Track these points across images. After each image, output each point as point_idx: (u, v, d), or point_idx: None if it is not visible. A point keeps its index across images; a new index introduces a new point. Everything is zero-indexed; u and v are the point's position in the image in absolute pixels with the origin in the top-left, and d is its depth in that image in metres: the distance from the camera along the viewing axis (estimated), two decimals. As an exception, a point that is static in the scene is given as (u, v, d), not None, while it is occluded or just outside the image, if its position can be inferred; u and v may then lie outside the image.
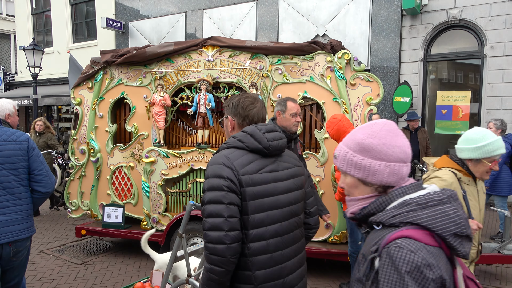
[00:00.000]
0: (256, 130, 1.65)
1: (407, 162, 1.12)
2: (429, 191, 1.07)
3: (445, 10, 8.05)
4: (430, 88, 8.72)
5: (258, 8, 10.12)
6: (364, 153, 1.11)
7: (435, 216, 1.01)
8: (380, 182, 1.10)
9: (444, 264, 0.99)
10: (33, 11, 15.33)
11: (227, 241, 1.49)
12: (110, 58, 4.73)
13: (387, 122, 1.15)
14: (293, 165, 1.77)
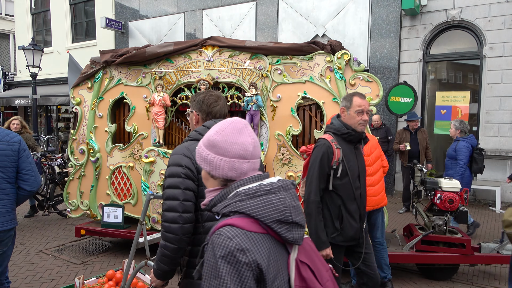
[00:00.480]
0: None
1: (248, 159, 1.18)
2: (262, 183, 1.15)
3: (445, 11, 8.07)
4: (429, 88, 8.73)
5: (257, 8, 10.12)
6: (210, 149, 1.19)
7: (259, 205, 1.08)
8: (222, 176, 1.18)
9: (264, 249, 1.06)
10: (33, 11, 15.32)
11: (181, 221, 1.71)
12: (110, 58, 4.73)
13: (235, 120, 1.22)
14: None
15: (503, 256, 3.93)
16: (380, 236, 3.72)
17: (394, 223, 6.25)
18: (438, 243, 4.06)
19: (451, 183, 4.09)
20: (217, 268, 1.02)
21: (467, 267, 4.38)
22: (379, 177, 3.65)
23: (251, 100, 4.15)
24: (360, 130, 2.59)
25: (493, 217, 6.81)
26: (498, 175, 7.69)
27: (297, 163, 4.22)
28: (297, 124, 4.22)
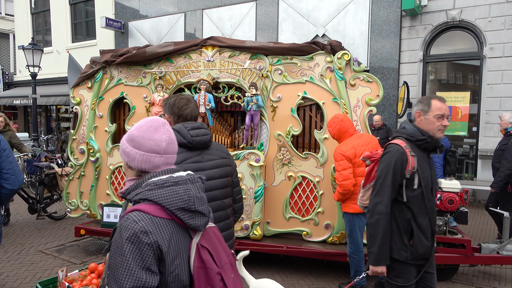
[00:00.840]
0: (182, 128, 2.00)
1: (161, 154, 1.33)
2: (172, 175, 1.30)
3: (445, 11, 8.07)
4: (430, 88, 8.73)
5: (257, 8, 10.12)
6: (129, 142, 1.34)
7: (166, 194, 1.24)
8: (137, 167, 1.33)
9: (167, 232, 1.22)
10: (32, 11, 15.31)
11: None
12: (110, 58, 4.72)
13: (153, 119, 1.37)
14: (218, 157, 2.10)
15: (503, 257, 3.93)
16: None
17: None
18: (438, 244, 4.06)
19: (451, 184, 4.08)
20: (122, 247, 1.16)
21: (467, 267, 4.38)
22: None
23: (251, 100, 4.15)
24: (439, 137, 2.33)
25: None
26: (498, 176, 7.69)
27: (297, 163, 4.22)
28: (297, 124, 4.21)
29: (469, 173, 8.29)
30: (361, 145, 3.57)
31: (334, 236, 4.15)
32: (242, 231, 4.27)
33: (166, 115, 2.12)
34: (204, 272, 1.28)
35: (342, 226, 4.07)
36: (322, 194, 4.16)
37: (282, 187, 4.28)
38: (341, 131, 3.64)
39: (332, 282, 4.11)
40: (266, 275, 4.28)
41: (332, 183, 4.08)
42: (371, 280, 4.03)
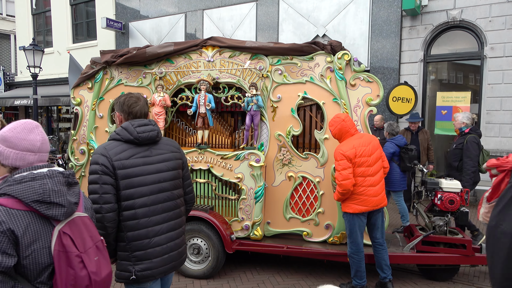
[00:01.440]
0: (129, 125, 2.13)
1: (35, 152, 1.55)
2: (32, 172, 1.49)
3: (445, 11, 8.06)
4: (430, 88, 8.72)
5: (258, 8, 10.12)
6: (2, 142, 1.52)
7: (21, 189, 1.44)
8: (11, 164, 1.52)
9: (22, 221, 1.42)
10: (33, 11, 15.33)
11: (102, 212, 1.98)
12: (110, 59, 4.73)
13: (27, 122, 1.58)
14: (167, 151, 2.24)
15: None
16: (380, 236, 3.72)
17: (394, 223, 6.24)
18: (439, 244, 4.06)
19: (452, 184, 4.08)
20: None
21: (468, 267, 4.38)
22: (380, 178, 3.65)
23: (251, 100, 4.15)
24: None
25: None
26: (499, 176, 7.67)
27: (297, 164, 4.22)
28: (297, 125, 4.21)
29: (470, 173, 8.27)
30: (362, 145, 3.57)
31: (335, 236, 4.15)
32: (242, 231, 4.27)
33: (117, 113, 2.26)
34: (65, 255, 1.48)
35: (342, 226, 4.07)
36: (323, 194, 4.16)
37: (282, 187, 4.28)
38: (342, 131, 3.64)
39: (333, 283, 4.10)
40: (266, 275, 4.28)
41: (333, 183, 4.08)
42: (371, 281, 4.03)
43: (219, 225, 4.07)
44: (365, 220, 3.66)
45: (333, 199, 4.08)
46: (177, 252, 2.22)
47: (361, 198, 3.53)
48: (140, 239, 2.08)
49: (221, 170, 4.34)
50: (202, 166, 4.41)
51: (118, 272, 2.12)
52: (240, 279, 4.17)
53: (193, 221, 4.14)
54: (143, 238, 2.08)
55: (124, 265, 2.09)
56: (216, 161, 4.36)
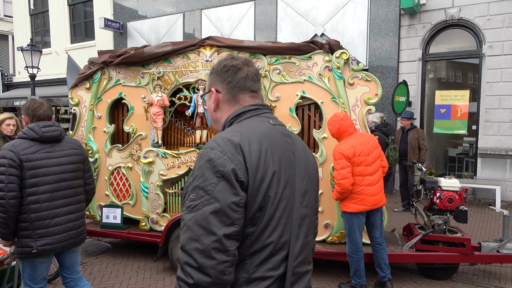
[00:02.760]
0: (35, 126, 2.61)
1: None
2: None
3: (443, 10, 8.06)
4: (429, 87, 8.72)
5: (256, 8, 10.11)
6: None
7: None
8: None
9: None
10: (31, 12, 15.29)
11: (6, 198, 2.43)
12: (108, 59, 4.71)
13: None
14: (69, 148, 2.75)
15: (503, 255, 3.92)
16: (379, 235, 3.72)
17: (394, 222, 6.24)
18: (438, 243, 4.06)
19: (451, 182, 4.08)
20: None
21: (467, 266, 4.37)
22: (378, 177, 3.64)
23: (249, 100, 4.13)
24: None
25: (493, 216, 6.80)
26: (498, 174, 7.69)
27: (296, 163, 4.21)
28: (296, 124, 4.20)
29: (468, 172, 8.28)
30: (361, 144, 3.57)
31: (334, 235, 4.14)
32: (241, 231, 4.25)
33: (23, 116, 2.71)
34: None
35: (341, 225, 4.06)
36: (321, 193, 4.15)
37: (281, 187, 4.26)
38: (341, 129, 3.64)
39: (332, 282, 4.10)
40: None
41: (331, 182, 4.07)
42: (370, 280, 4.02)
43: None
44: (364, 219, 3.65)
45: (332, 199, 4.07)
46: (75, 231, 2.74)
47: (360, 197, 3.53)
48: (42, 220, 2.57)
49: (219, 170, 4.33)
50: (201, 166, 4.39)
51: (20, 249, 2.55)
52: (239, 279, 4.16)
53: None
54: (45, 219, 2.58)
55: (25, 242, 2.54)
56: (215, 161, 4.34)
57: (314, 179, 1.32)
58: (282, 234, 1.13)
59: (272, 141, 1.19)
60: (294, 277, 1.16)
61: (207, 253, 1.01)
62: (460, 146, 8.84)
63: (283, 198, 1.14)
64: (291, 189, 1.18)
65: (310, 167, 1.30)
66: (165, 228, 4.27)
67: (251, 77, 1.32)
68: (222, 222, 1.03)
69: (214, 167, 1.07)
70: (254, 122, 1.25)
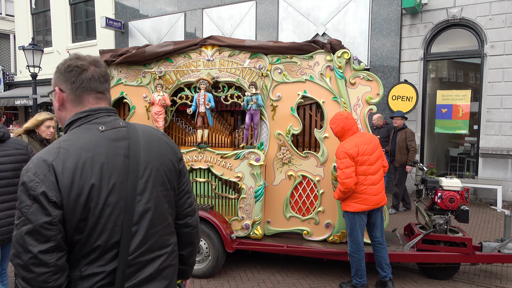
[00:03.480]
0: None
1: None
2: None
3: (445, 9, 8.04)
4: (430, 87, 8.71)
5: (257, 7, 10.10)
6: None
7: None
8: None
9: None
10: (33, 11, 15.31)
11: None
12: (109, 58, 4.72)
13: None
14: (12, 148, 2.92)
15: (505, 255, 3.92)
16: (380, 235, 3.71)
17: (394, 222, 6.23)
18: (439, 242, 4.05)
19: (452, 182, 4.07)
20: None
21: (468, 266, 4.37)
22: (380, 177, 3.64)
23: (251, 99, 4.14)
24: None
25: (494, 216, 6.80)
26: (499, 174, 7.68)
27: (297, 162, 4.21)
28: (297, 123, 4.21)
29: (470, 172, 8.27)
30: (364, 143, 3.57)
31: (335, 235, 4.15)
32: (242, 230, 4.26)
33: None
34: None
35: (342, 225, 4.07)
36: (323, 193, 4.16)
37: (282, 186, 4.27)
38: (344, 128, 3.64)
39: (333, 281, 4.10)
40: (266, 274, 4.27)
41: (333, 182, 4.07)
42: (371, 279, 4.02)
43: (219, 225, 4.06)
44: (366, 219, 3.65)
45: (333, 198, 4.08)
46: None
47: (362, 196, 3.53)
48: None
49: (221, 169, 4.34)
50: (202, 165, 4.40)
51: None
52: (240, 278, 4.17)
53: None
54: None
55: None
56: (216, 160, 4.35)
57: (160, 173, 1.38)
58: (110, 236, 1.23)
59: (93, 152, 1.24)
60: (135, 267, 1.28)
61: (26, 268, 1.15)
62: (462, 146, 8.83)
63: (106, 206, 1.22)
64: (119, 195, 1.25)
65: (154, 162, 1.36)
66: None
67: (97, 78, 1.36)
68: (37, 240, 1.15)
69: (27, 190, 1.16)
70: (80, 132, 1.29)
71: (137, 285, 1.30)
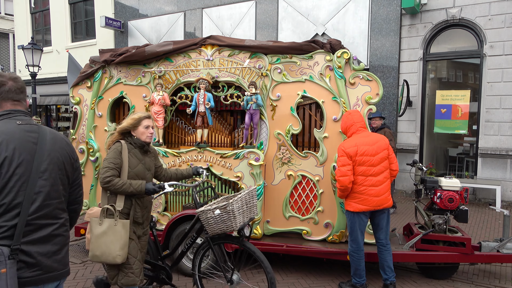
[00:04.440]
0: None
1: None
2: None
3: (445, 9, 8.05)
4: (430, 87, 8.72)
5: (257, 7, 10.10)
6: None
7: None
8: None
9: None
10: (32, 10, 15.30)
11: None
12: (109, 57, 4.72)
13: None
14: None
15: (503, 255, 3.93)
16: (384, 237, 3.69)
17: (393, 222, 6.24)
18: (438, 242, 4.06)
19: (451, 182, 4.08)
20: None
21: (467, 266, 4.38)
22: (383, 179, 3.57)
23: (250, 99, 4.14)
24: None
25: (493, 216, 6.81)
26: (498, 174, 7.69)
27: (296, 162, 4.22)
28: (297, 123, 4.21)
29: (469, 172, 8.28)
30: (366, 144, 3.54)
31: (334, 235, 4.15)
32: (242, 230, 4.26)
33: None
34: None
35: (342, 225, 4.07)
36: (322, 193, 4.16)
37: (282, 186, 4.28)
38: (347, 124, 3.66)
39: (332, 281, 4.11)
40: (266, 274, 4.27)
41: (332, 181, 4.08)
42: (370, 279, 4.03)
43: (219, 224, 4.06)
44: (366, 219, 3.65)
45: (332, 198, 4.09)
46: None
47: (362, 197, 3.52)
48: None
49: (220, 169, 4.34)
50: (202, 165, 4.40)
51: None
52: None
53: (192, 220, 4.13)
54: None
55: None
56: (216, 160, 4.35)
57: (60, 160, 1.87)
58: (15, 198, 1.68)
59: (10, 136, 1.73)
60: (31, 227, 1.71)
61: None
62: (461, 146, 8.84)
63: (15, 175, 1.69)
64: (25, 168, 1.72)
65: (55, 152, 1.85)
66: (165, 227, 4.27)
67: (14, 90, 1.86)
68: None
69: None
70: (2, 123, 1.78)
71: (31, 243, 1.71)
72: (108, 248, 2.75)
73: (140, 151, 3.00)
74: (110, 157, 2.85)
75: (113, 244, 2.74)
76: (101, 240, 2.76)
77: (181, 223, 4.16)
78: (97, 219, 2.83)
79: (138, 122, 2.98)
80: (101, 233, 2.77)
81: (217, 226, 3.02)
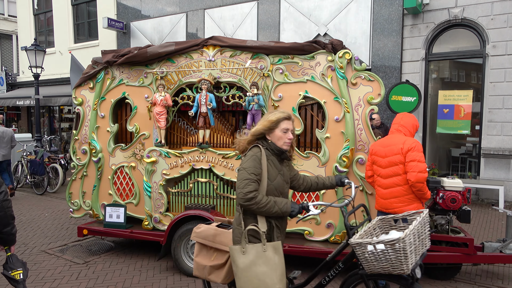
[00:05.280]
0: None
1: None
2: None
3: (447, 9, 8.03)
4: (432, 87, 8.70)
5: (259, 7, 10.11)
6: None
7: None
8: None
9: None
10: (35, 12, 15.36)
11: None
12: (111, 58, 4.73)
13: None
14: None
15: (506, 256, 3.91)
16: None
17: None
18: (441, 243, 4.05)
19: (454, 182, 4.07)
20: None
21: (470, 266, 4.37)
22: (391, 183, 3.50)
23: (252, 99, 4.15)
24: None
25: (496, 216, 6.78)
26: (501, 174, 7.66)
27: (298, 163, 4.22)
28: (298, 124, 4.21)
29: (472, 172, 8.26)
30: (380, 145, 3.63)
31: (336, 235, 4.15)
32: (244, 230, 4.26)
33: None
34: None
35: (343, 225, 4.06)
36: (324, 193, 4.16)
37: (283, 186, 4.27)
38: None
39: (334, 281, 4.10)
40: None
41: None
42: (373, 279, 4.02)
43: (221, 225, 4.07)
44: None
45: (334, 198, 4.08)
46: None
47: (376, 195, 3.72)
48: None
49: (222, 169, 4.35)
50: (204, 165, 4.41)
51: None
52: (242, 278, 4.17)
53: (195, 221, 4.14)
54: None
55: None
56: (218, 161, 4.36)
57: None
58: None
59: None
60: None
61: None
62: (463, 146, 8.81)
63: None
64: None
65: None
66: (168, 227, 4.29)
67: None
68: None
69: None
70: None
71: None
72: (263, 282, 2.21)
73: (278, 158, 2.45)
74: (250, 166, 2.25)
75: (268, 277, 2.21)
76: (251, 273, 2.21)
77: (184, 223, 4.17)
78: (238, 247, 2.26)
79: (275, 124, 2.41)
80: (249, 264, 2.22)
81: (379, 264, 2.31)
